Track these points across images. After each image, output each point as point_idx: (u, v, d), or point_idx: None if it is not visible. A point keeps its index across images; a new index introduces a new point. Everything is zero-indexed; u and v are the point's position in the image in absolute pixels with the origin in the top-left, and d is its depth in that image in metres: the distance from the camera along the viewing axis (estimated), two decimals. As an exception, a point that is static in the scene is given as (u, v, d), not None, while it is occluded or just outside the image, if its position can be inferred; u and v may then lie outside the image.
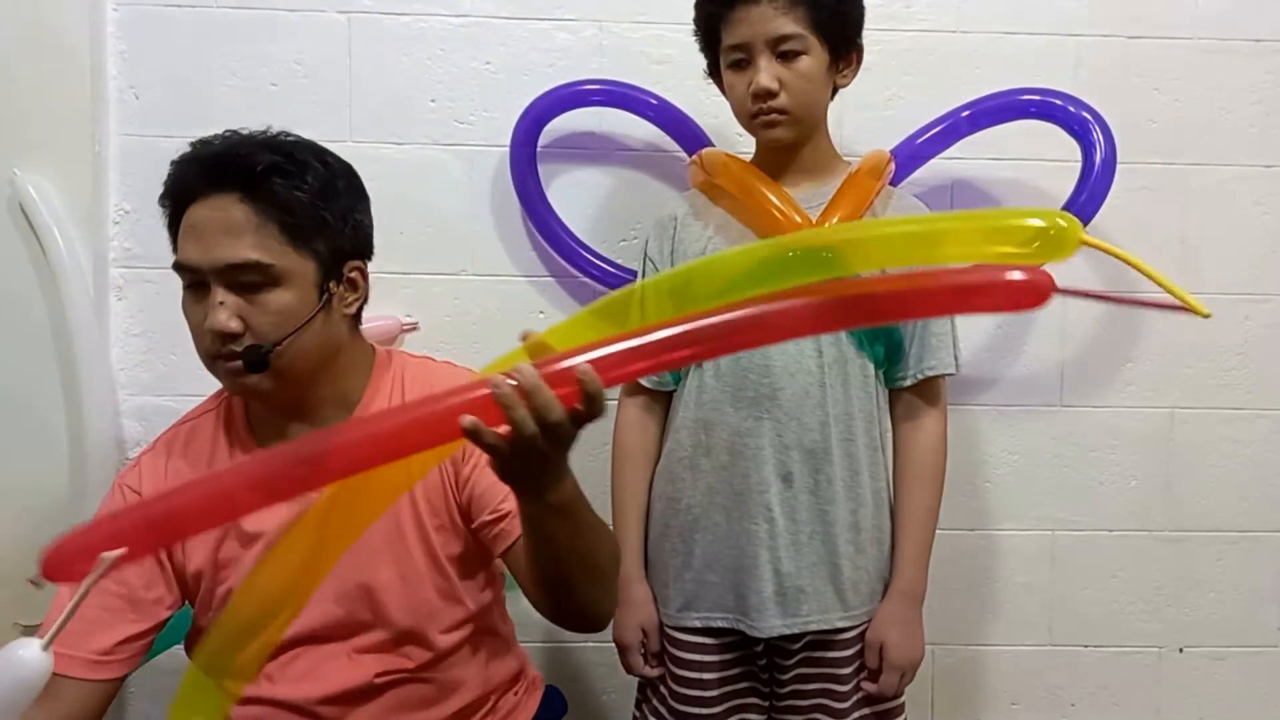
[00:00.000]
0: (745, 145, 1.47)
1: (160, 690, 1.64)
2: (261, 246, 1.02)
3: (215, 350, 1.03)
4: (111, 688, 1.07)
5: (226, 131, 1.08)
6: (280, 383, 1.05)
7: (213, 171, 1.03)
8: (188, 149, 1.08)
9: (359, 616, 1.11)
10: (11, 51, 1.50)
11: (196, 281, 1.03)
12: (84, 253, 1.52)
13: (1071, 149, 1.53)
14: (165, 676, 1.62)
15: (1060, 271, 1.66)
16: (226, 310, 1.01)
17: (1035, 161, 1.64)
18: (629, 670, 1.41)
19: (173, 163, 1.07)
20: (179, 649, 1.21)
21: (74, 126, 1.53)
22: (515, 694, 1.25)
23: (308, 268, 1.05)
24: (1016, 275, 0.81)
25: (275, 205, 1.02)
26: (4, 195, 1.51)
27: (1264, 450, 1.71)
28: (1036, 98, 1.52)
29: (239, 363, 1.02)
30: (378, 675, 1.12)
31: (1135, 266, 0.84)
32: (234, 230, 1.01)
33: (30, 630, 1.54)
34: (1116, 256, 0.85)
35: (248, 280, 1.02)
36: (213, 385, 1.29)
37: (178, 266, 1.04)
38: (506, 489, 1.02)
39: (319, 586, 0.99)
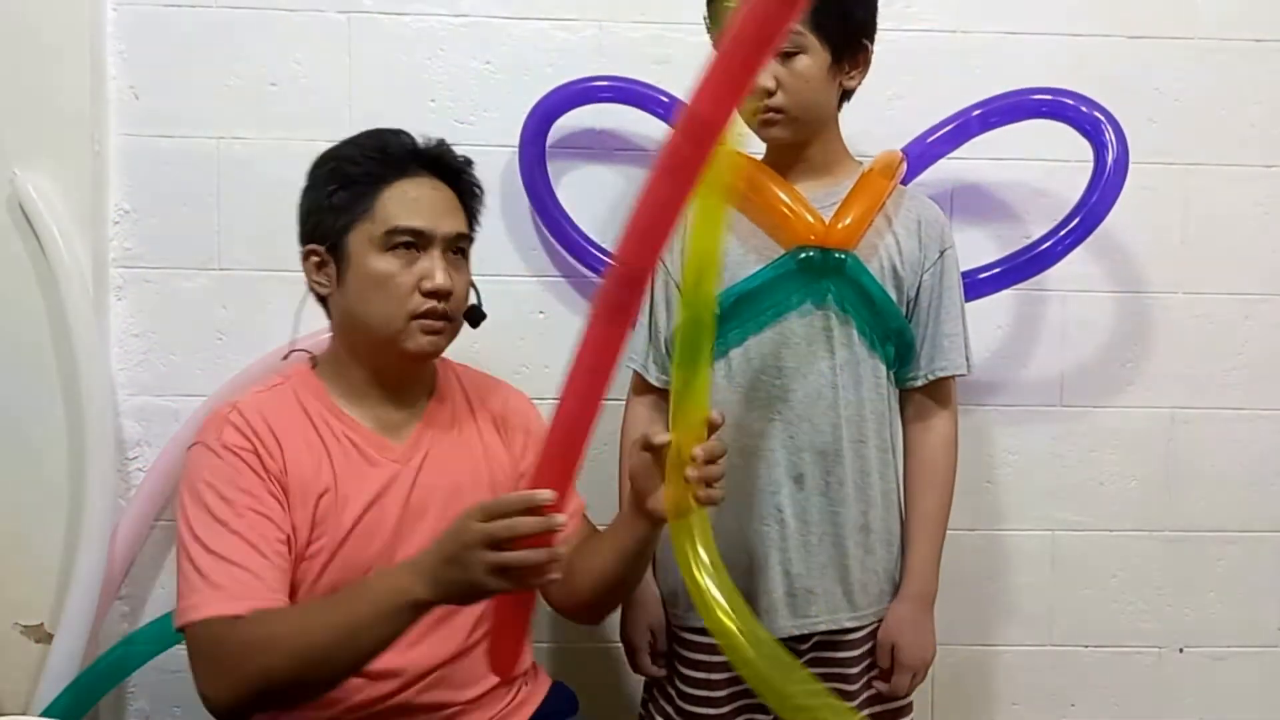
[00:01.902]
0: (747, 146, 1.47)
1: (161, 690, 1.64)
2: (469, 224, 1.22)
3: (422, 308, 1.14)
4: None
5: (380, 129, 1.20)
6: (442, 348, 1.19)
7: (426, 157, 1.19)
8: (363, 138, 1.19)
9: None
10: (11, 51, 1.50)
11: (408, 244, 1.14)
12: (84, 253, 1.52)
13: (1075, 148, 1.53)
14: (165, 676, 1.62)
15: (1064, 271, 1.66)
16: (446, 273, 1.15)
17: (1038, 161, 1.64)
18: (636, 670, 1.41)
19: (363, 145, 1.18)
20: (180, 649, 1.21)
21: (74, 126, 1.52)
22: (525, 685, 1.27)
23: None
24: None
25: (470, 195, 1.23)
26: (4, 195, 1.51)
27: (1264, 450, 1.71)
28: (1048, 98, 1.51)
29: (443, 322, 1.15)
30: (449, 655, 1.18)
31: None
32: (454, 207, 1.19)
33: (30, 630, 1.54)
34: None
35: (461, 249, 1.20)
36: (212, 385, 1.29)
37: (396, 231, 1.13)
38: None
39: None
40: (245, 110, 1.59)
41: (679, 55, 1.60)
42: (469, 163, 1.23)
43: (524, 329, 1.64)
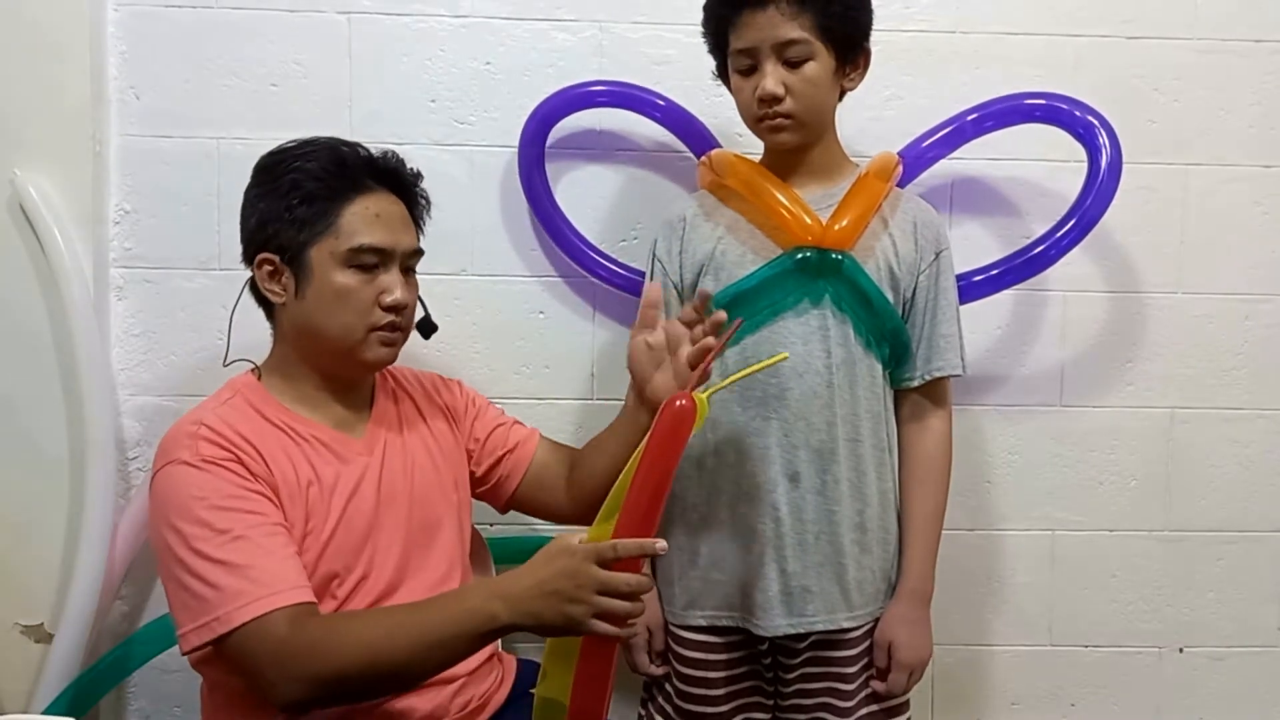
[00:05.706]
0: (745, 146, 1.47)
1: (161, 690, 1.64)
2: (417, 238, 1.25)
3: (382, 322, 1.17)
4: None
5: (329, 138, 1.21)
6: (395, 358, 1.23)
7: (382, 171, 1.21)
8: (320, 150, 1.18)
9: (417, 556, 1.23)
10: (11, 52, 1.50)
11: (371, 263, 1.17)
12: (84, 253, 1.52)
13: (1072, 149, 1.53)
14: (165, 676, 1.62)
15: (1064, 271, 1.66)
16: (405, 289, 1.19)
17: (1036, 161, 1.64)
18: (634, 669, 1.41)
19: (320, 158, 1.17)
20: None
21: (74, 126, 1.52)
22: (500, 663, 1.30)
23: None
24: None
25: (418, 206, 1.26)
26: (4, 195, 1.51)
27: (1264, 450, 1.71)
28: (1042, 101, 1.51)
29: (397, 333, 1.20)
30: None
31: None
32: (408, 222, 1.23)
33: (30, 630, 1.54)
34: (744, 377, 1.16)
35: (412, 264, 1.23)
36: (212, 385, 1.29)
37: (361, 249, 1.16)
38: (508, 430, 1.37)
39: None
40: (245, 110, 1.59)
41: (679, 56, 1.60)
42: (420, 176, 1.26)
43: (524, 329, 1.64)
